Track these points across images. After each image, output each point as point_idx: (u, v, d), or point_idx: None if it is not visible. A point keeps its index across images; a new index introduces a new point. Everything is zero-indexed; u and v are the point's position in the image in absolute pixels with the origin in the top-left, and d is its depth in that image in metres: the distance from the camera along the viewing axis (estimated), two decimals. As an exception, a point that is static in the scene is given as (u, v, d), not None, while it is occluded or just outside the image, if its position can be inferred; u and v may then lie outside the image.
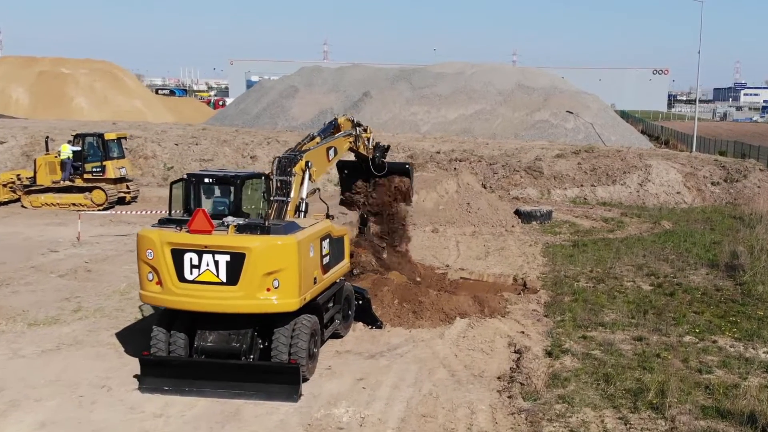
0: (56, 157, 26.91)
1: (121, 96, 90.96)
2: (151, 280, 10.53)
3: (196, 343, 10.69)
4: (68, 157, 26.62)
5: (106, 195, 26.88)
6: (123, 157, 28.25)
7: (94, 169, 26.89)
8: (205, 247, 10.18)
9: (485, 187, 31.91)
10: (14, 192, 27.55)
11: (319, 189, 13.74)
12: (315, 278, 11.02)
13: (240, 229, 10.49)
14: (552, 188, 31.95)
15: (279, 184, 11.67)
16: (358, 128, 15.38)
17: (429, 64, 71.91)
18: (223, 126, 54.60)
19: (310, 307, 11.00)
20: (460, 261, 19.69)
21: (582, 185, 31.91)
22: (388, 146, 16.79)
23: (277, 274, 10.20)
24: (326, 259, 11.56)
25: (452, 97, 61.65)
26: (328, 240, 11.65)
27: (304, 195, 12.25)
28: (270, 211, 11.37)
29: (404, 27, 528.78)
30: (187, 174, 11.60)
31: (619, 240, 22.71)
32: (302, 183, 12.33)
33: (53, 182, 27.02)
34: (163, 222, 10.98)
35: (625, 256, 20.08)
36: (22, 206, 27.17)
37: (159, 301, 10.72)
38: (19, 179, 27.62)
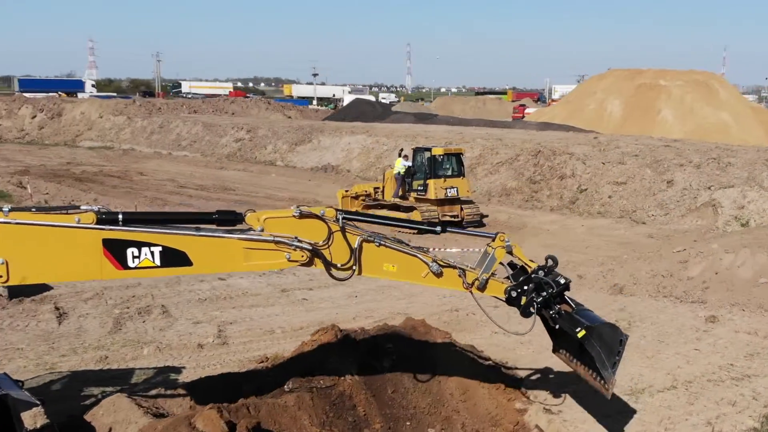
0: None
1: (707, 108, 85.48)
2: None
3: None
4: (398, 173, 25.89)
5: (421, 217, 24.24)
6: (460, 175, 25.79)
7: (419, 188, 25.46)
8: None
9: None
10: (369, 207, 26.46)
11: None
12: None
13: None
14: None
15: None
16: (337, 222, 7.10)
17: None
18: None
19: None
20: (622, 389, 11.32)
21: None
22: (563, 284, 7.92)
23: None
24: None
25: None
26: None
27: None
28: None
29: None
30: None
31: None
32: None
33: (391, 198, 26.21)
34: None
35: None
36: None
37: None
38: (375, 192, 26.94)
